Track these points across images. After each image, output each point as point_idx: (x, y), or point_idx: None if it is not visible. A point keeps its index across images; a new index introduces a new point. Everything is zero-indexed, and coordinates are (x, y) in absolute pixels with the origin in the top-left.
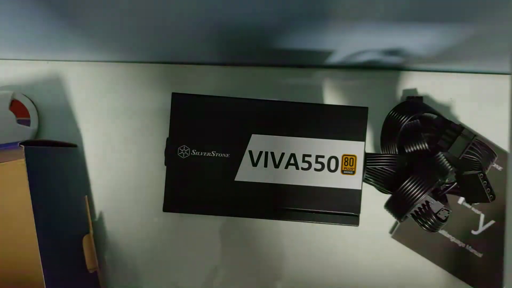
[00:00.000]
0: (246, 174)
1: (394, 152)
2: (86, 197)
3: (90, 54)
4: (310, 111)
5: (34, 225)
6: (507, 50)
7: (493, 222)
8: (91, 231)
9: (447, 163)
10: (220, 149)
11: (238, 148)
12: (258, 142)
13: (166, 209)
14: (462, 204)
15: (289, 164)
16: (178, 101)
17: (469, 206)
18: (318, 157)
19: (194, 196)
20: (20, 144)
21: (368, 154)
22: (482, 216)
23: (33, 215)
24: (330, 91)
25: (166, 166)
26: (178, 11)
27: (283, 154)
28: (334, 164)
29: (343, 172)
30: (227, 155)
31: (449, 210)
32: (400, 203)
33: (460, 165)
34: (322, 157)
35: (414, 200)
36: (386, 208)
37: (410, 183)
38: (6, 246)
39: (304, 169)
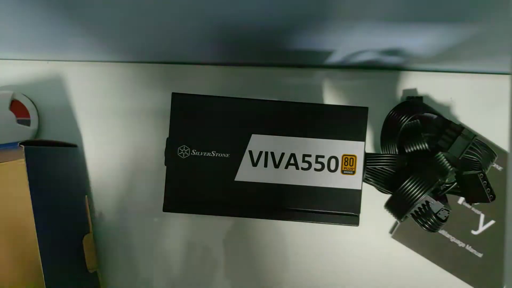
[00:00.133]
0: (246, 174)
1: (394, 152)
2: (86, 197)
3: (90, 54)
4: (310, 111)
5: (34, 225)
6: (507, 50)
7: (493, 222)
8: (91, 231)
9: (447, 163)
10: (220, 149)
11: (238, 148)
12: (258, 142)
13: (166, 209)
14: (462, 204)
15: (289, 164)
16: (178, 101)
17: (469, 206)
18: (318, 157)
19: (194, 196)
20: (20, 144)
21: (368, 154)
22: (482, 216)
23: (33, 215)
24: (330, 91)
25: (166, 166)
26: (179, 11)
27: (283, 154)
28: (334, 164)
29: (343, 172)
30: (227, 155)
31: (449, 210)
32: (400, 203)
33: (460, 165)
34: (322, 157)
35: (414, 200)
36: (386, 208)
37: (410, 183)
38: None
39: (304, 169)
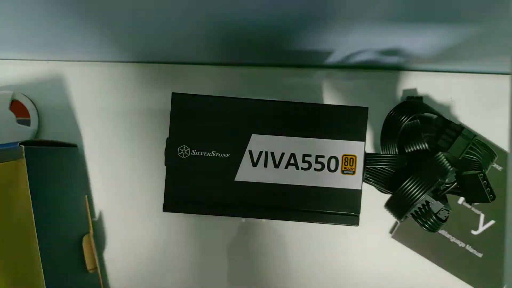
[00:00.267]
0: (246, 174)
1: (394, 152)
2: (86, 197)
3: (90, 54)
4: (310, 111)
5: (34, 225)
6: (507, 50)
7: (493, 222)
8: (91, 231)
9: (447, 163)
10: (220, 149)
11: (238, 148)
12: (258, 142)
13: (166, 209)
14: (462, 204)
15: (289, 164)
16: (178, 101)
17: (469, 206)
18: (318, 157)
19: (194, 196)
20: (20, 144)
21: (368, 154)
22: (482, 216)
23: (33, 215)
24: (330, 91)
25: (166, 166)
26: (179, 11)
27: (283, 154)
28: (334, 164)
29: (343, 172)
30: (227, 155)
31: (449, 210)
32: (400, 203)
33: (460, 165)
34: (322, 157)
35: (414, 200)
36: (386, 208)
37: (410, 183)
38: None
39: (304, 169)
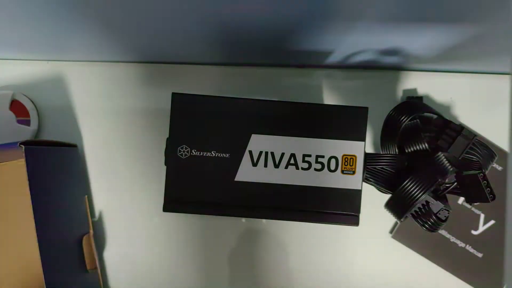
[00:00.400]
0: (246, 174)
1: (394, 152)
2: (86, 197)
3: (90, 54)
4: (310, 111)
5: (34, 225)
6: (507, 50)
7: (493, 222)
8: (91, 231)
9: (447, 163)
10: (220, 149)
11: (238, 148)
12: (258, 142)
13: (166, 209)
14: (462, 204)
15: (289, 164)
16: (178, 101)
17: (469, 206)
18: (318, 157)
19: (194, 196)
20: (20, 144)
21: (368, 154)
22: (482, 216)
23: (33, 215)
24: (330, 91)
25: (166, 166)
26: (179, 12)
27: (283, 154)
28: (334, 164)
29: (343, 172)
30: (227, 155)
31: (449, 210)
32: (400, 203)
33: (460, 165)
34: (322, 157)
35: (414, 200)
36: (386, 208)
37: (410, 183)
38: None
39: (304, 169)
